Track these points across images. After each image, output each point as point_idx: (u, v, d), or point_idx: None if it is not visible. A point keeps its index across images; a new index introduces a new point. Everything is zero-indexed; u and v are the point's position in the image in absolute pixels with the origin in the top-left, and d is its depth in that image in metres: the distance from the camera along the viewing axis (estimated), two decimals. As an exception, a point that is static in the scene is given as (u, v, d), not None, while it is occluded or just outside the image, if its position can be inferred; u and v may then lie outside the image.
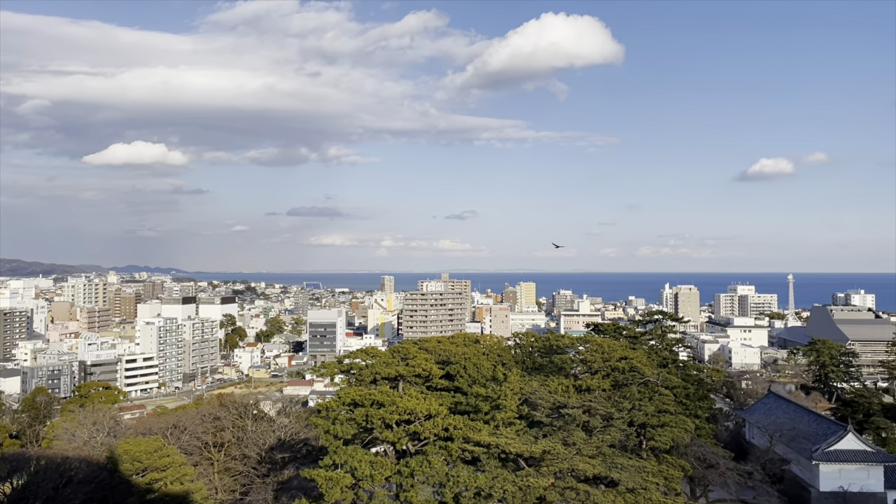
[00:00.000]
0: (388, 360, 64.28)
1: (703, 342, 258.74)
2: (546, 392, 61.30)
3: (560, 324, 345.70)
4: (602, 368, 71.95)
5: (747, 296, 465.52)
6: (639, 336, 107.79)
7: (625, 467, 50.87)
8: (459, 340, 78.87)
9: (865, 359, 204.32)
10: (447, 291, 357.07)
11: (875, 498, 77.28)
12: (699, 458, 67.95)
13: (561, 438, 54.07)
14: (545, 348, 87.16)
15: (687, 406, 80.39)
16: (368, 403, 52.92)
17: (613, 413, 59.44)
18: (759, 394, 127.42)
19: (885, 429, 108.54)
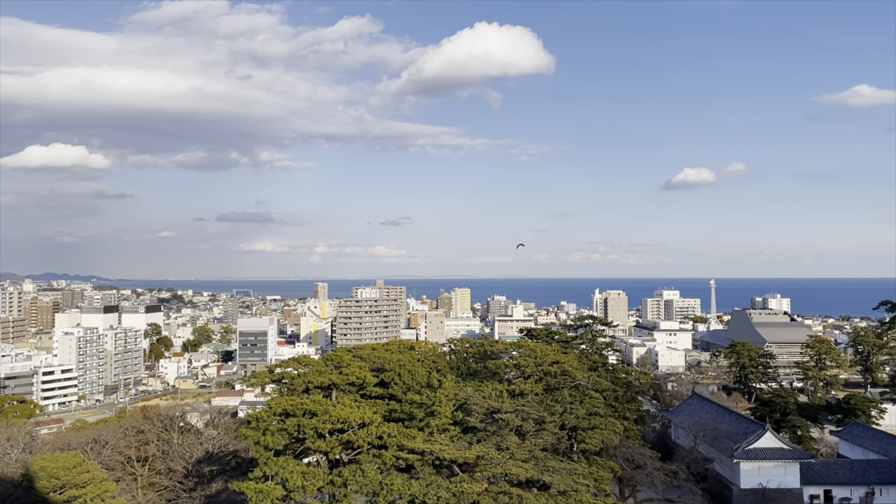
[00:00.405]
0: (321, 368, 63.35)
1: (631, 346, 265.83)
2: (480, 397, 61.69)
3: (494, 329, 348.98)
4: (535, 373, 72.98)
5: (672, 300, 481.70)
6: (570, 340, 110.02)
7: (557, 470, 51.71)
8: (394, 347, 78.50)
9: (782, 360, 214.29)
10: (382, 298, 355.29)
11: (792, 494, 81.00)
12: (628, 459, 69.70)
13: (495, 443, 54.50)
14: (480, 354, 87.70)
15: (616, 408, 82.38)
16: (300, 413, 52.03)
17: (546, 417, 60.36)
18: (684, 395, 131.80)
19: (801, 427, 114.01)
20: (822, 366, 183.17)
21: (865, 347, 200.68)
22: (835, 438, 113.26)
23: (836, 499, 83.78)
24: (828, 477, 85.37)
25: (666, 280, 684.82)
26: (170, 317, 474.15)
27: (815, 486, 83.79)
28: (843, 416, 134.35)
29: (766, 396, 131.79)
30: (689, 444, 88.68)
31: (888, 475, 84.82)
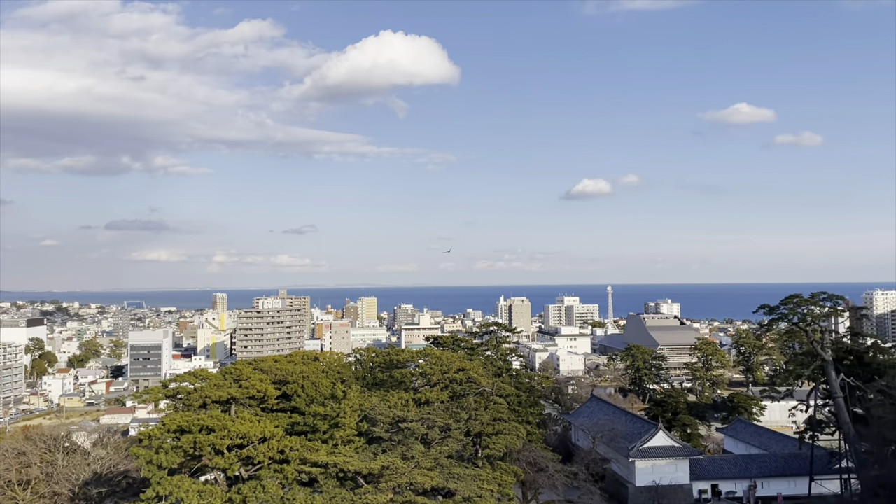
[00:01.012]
0: (220, 382, 61.22)
1: (534, 351, 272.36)
2: (386, 407, 61.43)
3: (401, 338, 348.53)
4: (441, 381, 73.41)
5: (573, 306, 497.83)
6: (476, 347, 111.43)
7: (461, 477, 52.17)
8: (298, 359, 76.98)
9: (673, 361, 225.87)
10: (285, 308, 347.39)
11: (682, 489, 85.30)
12: (530, 463, 71.25)
13: (400, 453, 54.39)
14: (386, 363, 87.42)
15: (519, 413, 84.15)
16: (197, 429, 50.06)
17: (451, 424, 60.85)
18: (584, 398, 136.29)
19: (690, 425, 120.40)
20: (709, 366, 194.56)
21: (747, 348, 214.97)
22: (721, 435, 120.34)
23: (723, 492, 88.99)
24: (715, 472, 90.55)
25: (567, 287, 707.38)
26: (54, 331, 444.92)
27: (703, 481, 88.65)
28: (727, 413, 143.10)
29: (659, 397, 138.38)
30: (589, 445, 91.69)
31: (768, 468, 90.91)
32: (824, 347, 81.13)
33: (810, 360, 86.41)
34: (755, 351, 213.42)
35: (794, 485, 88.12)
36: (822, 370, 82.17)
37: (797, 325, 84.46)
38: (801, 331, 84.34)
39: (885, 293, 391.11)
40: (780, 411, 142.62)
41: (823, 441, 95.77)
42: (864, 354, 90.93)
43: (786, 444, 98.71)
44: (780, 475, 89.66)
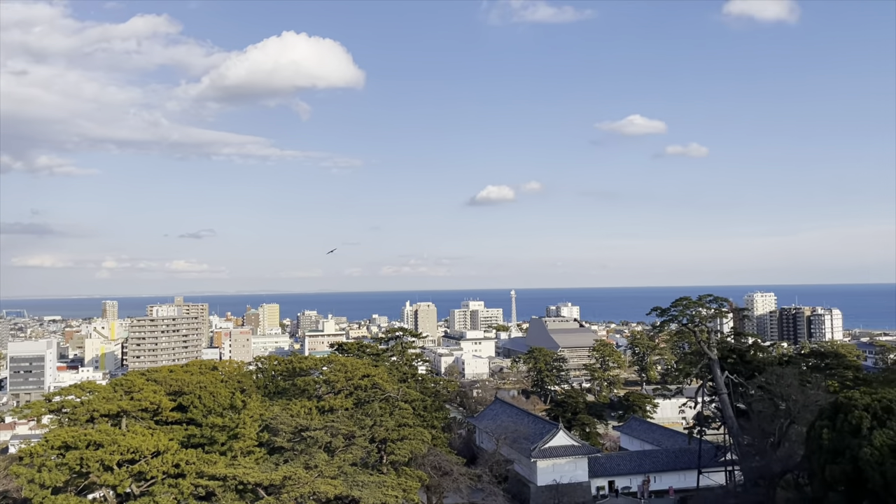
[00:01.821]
0: (109, 394, 58.02)
1: (439, 355, 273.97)
2: (288, 416, 60.15)
3: (305, 345, 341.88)
4: (345, 388, 72.62)
5: (478, 310, 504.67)
6: (381, 353, 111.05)
7: (366, 484, 51.79)
8: (195, 368, 74.07)
9: (573, 363, 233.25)
10: (181, 316, 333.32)
11: (581, 487, 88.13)
12: (435, 467, 71.61)
13: (303, 462, 53.38)
14: (289, 371, 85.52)
15: (425, 418, 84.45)
16: (83, 445, 47.23)
17: (356, 431, 60.30)
18: (488, 401, 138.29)
19: (589, 424, 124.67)
20: (606, 367, 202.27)
21: (641, 349, 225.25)
22: (617, 433, 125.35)
23: (619, 488, 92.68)
24: (611, 469, 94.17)
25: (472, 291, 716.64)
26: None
27: (601, 477, 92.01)
28: (623, 411, 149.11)
29: (560, 397, 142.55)
30: (492, 447, 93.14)
31: (660, 463, 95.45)
32: (710, 347, 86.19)
33: (698, 358, 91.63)
34: (648, 351, 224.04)
35: (684, 478, 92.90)
36: (708, 368, 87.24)
37: (686, 326, 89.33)
38: (689, 331, 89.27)
39: (764, 295, 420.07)
40: (672, 408, 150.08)
41: (711, 435, 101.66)
42: (746, 353, 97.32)
43: (676, 440, 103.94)
44: (671, 469, 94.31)
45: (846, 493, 50.21)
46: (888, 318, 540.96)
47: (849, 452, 49.53)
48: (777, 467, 67.67)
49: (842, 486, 50.32)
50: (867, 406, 51.68)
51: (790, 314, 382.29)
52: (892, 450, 47.81)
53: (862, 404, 51.99)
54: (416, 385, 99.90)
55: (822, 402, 65.35)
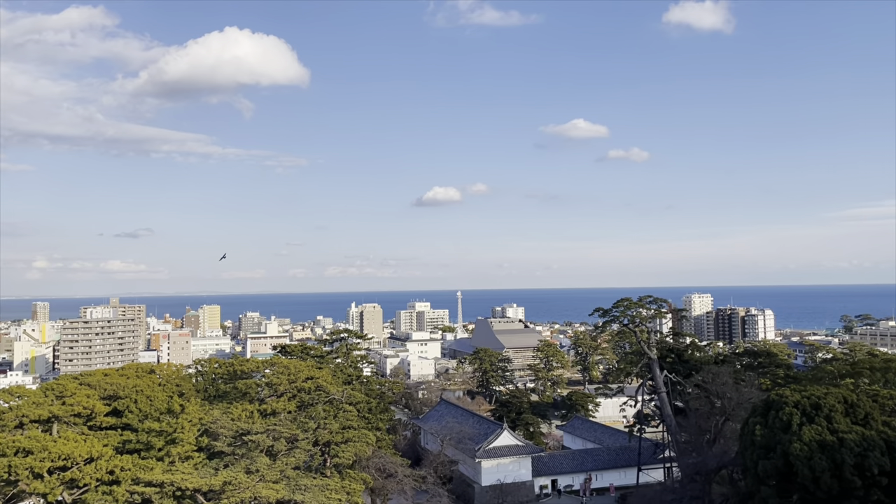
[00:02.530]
0: (39, 399, 55.60)
1: (385, 357, 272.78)
2: (229, 420, 58.83)
3: (247, 347, 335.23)
4: (288, 390, 71.44)
5: (424, 312, 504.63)
6: (326, 355, 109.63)
7: (309, 488, 51.11)
8: (131, 372, 71.70)
9: (518, 363, 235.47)
10: (117, 318, 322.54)
11: (525, 486, 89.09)
12: (380, 469, 71.25)
13: (244, 467, 52.32)
14: (229, 374, 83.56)
15: (370, 420, 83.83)
16: (11, 452, 45.19)
17: (299, 434, 59.44)
18: (434, 402, 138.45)
19: (533, 424, 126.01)
20: (550, 367, 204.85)
21: (584, 349, 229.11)
22: (560, 432, 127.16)
23: (561, 486, 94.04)
24: (554, 467, 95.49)
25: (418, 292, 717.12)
26: None
27: (544, 476, 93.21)
28: (567, 411, 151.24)
29: (505, 398, 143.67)
30: (437, 448, 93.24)
31: (602, 461, 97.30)
32: (650, 347, 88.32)
33: (638, 358, 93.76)
34: (591, 351, 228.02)
35: (625, 475, 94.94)
36: (648, 368, 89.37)
37: (627, 327, 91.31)
38: (630, 331, 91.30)
39: (701, 296, 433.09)
40: (613, 407, 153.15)
41: (650, 433, 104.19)
42: (684, 352, 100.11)
43: (617, 438, 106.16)
44: (612, 467, 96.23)
45: (777, 486, 52.11)
46: (816, 319, 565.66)
47: (780, 448, 51.43)
48: (713, 463, 69.77)
49: (773, 481, 52.20)
50: (797, 403, 53.78)
51: (726, 315, 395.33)
52: (821, 445, 49.89)
53: (792, 401, 54.07)
54: (361, 387, 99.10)
55: (755, 400, 67.71)
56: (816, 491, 49.51)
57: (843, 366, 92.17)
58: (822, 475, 48.62)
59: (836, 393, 55.16)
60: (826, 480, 48.62)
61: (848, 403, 53.82)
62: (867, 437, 50.05)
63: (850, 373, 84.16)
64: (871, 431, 51.02)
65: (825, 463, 48.80)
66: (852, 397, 54.80)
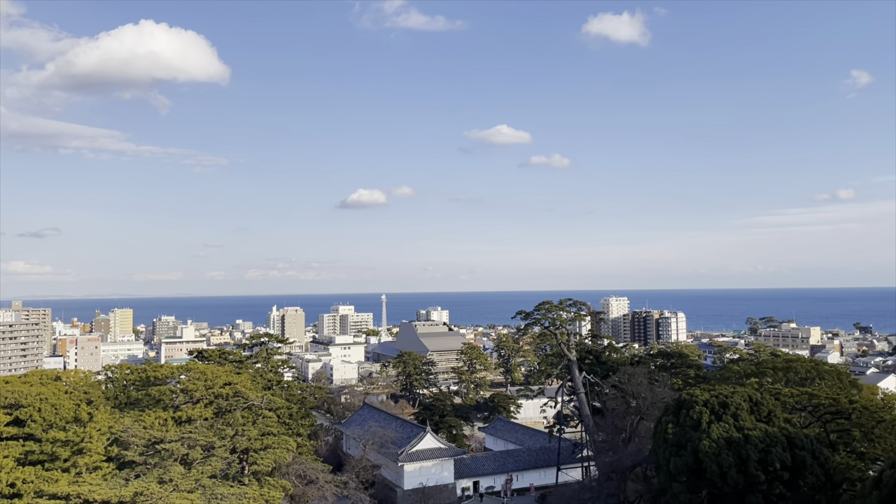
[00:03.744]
0: (-71, 410, 51.79)
1: (307, 361, 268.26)
2: (141, 428, 56.50)
3: (161, 352, 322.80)
4: (205, 396, 69.24)
5: (347, 315, 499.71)
6: (244, 360, 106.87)
7: (225, 496, 49.68)
8: (35, 379, 67.77)
9: (442, 366, 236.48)
10: (20, 322, 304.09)
11: (447, 489, 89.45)
12: (300, 476, 70.00)
13: (157, 476, 50.36)
14: (142, 380, 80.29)
15: (290, 426, 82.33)
16: None
17: (216, 442, 57.66)
18: (356, 406, 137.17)
19: (456, 426, 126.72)
20: (474, 369, 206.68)
21: (506, 351, 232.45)
22: (482, 434, 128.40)
23: (483, 488, 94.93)
24: (476, 469, 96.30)
25: (342, 296, 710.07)
26: None
27: (466, 478, 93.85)
28: (489, 413, 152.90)
29: (428, 401, 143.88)
30: (360, 453, 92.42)
31: (523, 462, 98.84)
32: (570, 348, 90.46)
33: (558, 360, 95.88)
34: (513, 353, 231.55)
35: (545, 475, 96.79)
36: (568, 369, 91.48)
37: (548, 329, 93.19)
38: (551, 334, 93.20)
39: (618, 299, 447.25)
40: (534, 408, 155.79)
41: (569, 433, 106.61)
42: (602, 354, 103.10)
43: (538, 439, 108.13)
44: (532, 467, 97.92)
45: (688, 482, 54.29)
46: (724, 321, 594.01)
47: (690, 445, 53.64)
48: (628, 461, 72.03)
49: (684, 477, 54.35)
50: (706, 402, 56.25)
51: (641, 317, 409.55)
52: (728, 441, 52.34)
53: (702, 400, 56.50)
54: (281, 392, 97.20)
55: (668, 399, 70.32)
56: (724, 486, 51.88)
57: (748, 366, 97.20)
58: (729, 471, 50.99)
59: (742, 392, 58.01)
60: (733, 476, 51.02)
61: (753, 402, 56.69)
62: (770, 434, 52.86)
63: (755, 372, 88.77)
64: (773, 428, 53.93)
65: (732, 459, 51.22)
66: (757, 396, 57.76)
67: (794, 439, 53.03)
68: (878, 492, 40.90)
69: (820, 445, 55.55)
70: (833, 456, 57.92)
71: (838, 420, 66.55)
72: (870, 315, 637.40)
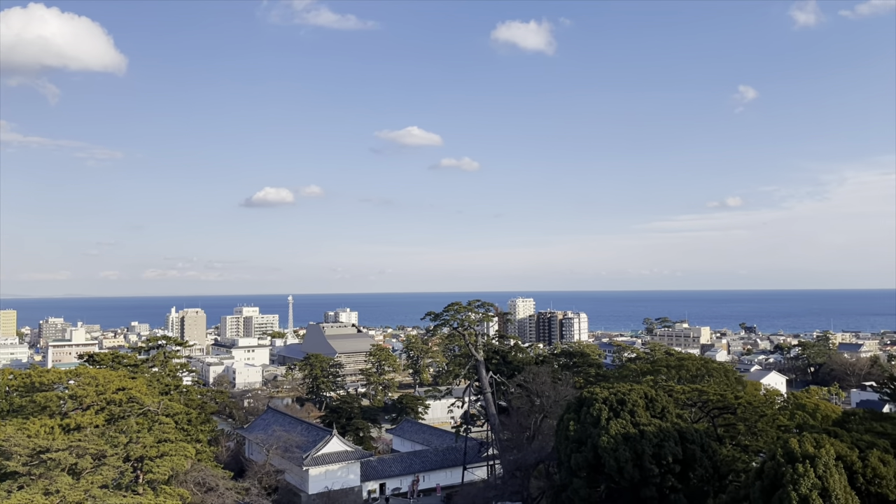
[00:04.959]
0: None
1: (208, 365, 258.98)
2: (24, 437, 52.89)
3: (48, 356, 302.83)
4: (96, 402, 65.60)
5: (252, 317, 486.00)
6: (140, 364, 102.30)
7: (118, 508, 47.21)
8: None
9: (350, 368, 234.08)
10: None
11: (353, 492, 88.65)
12: (199, 483, 67.50)
13: (42, 487, 47.36)
14: (26, 386, 75.17)
15: (189, 432, 79.24)
16: None
17: (107, 450, 54.74)
18: (260, 410, 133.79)
19: (363, 429, 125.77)
20: (382, 371, 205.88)
21: (415, 352, 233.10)
22: (390, 436, 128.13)
23: (389, 489, 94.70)
24: (383, 471, 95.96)
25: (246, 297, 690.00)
26: None
27: (373, 481, 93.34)
28: (397, 414, 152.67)
29: (335, 404, 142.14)
30: (263, 458, 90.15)
31: (429, 462, 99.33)
32: (477, 349, 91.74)
33: (466, 360, 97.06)
34: (422, 354, 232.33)
35: (451, 475, 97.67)
36: (475, 369, 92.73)
37: (456, 330, 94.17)
38: (459, 334, 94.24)
39: (524, 300, 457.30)
40: (442, 409, 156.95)
41: (476, 433, 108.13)
42: (508, 354, 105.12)
43: (445, 439, 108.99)
44: (439, 467, 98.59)
45: (588, 478, 56.16)
46: (623, 321, 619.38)
47: (590, 441, 55.54)
48: (532, 459, 73.72)
49: (584, 473, 56.16)
50: (606, 399, 58.42)
51: (546, 318, 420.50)
52: (625, 437, 54.55)
53: (601, 398, 58.64)
54: (180, 397, 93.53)
55: (570, 397, 72.58)
56: (621, 480, 54.02)
57: (644, 364, 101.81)
58: (626, 465, 53.15)
59: (638, 389, 60.64)
60: (629, 470, 53.21)
61: (648, 399, 59.37)
62: (664, 429, 55.52)
63: (651, 370, 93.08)
64: (667, 423, 56.67)
65: (628, 454, 53.42)
66: (652, 393, 60.53)
67: (686, 434, 55.91)
68: (760, 482, 43.75)
69: (708, 439, 58.82)
70: (720, 449, 61.50)
71: (725, 415, 70.82)
72: (754, 316, 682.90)
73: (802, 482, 40.16)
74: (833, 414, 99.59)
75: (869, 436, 55.37)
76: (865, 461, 43.78)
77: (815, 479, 40.34)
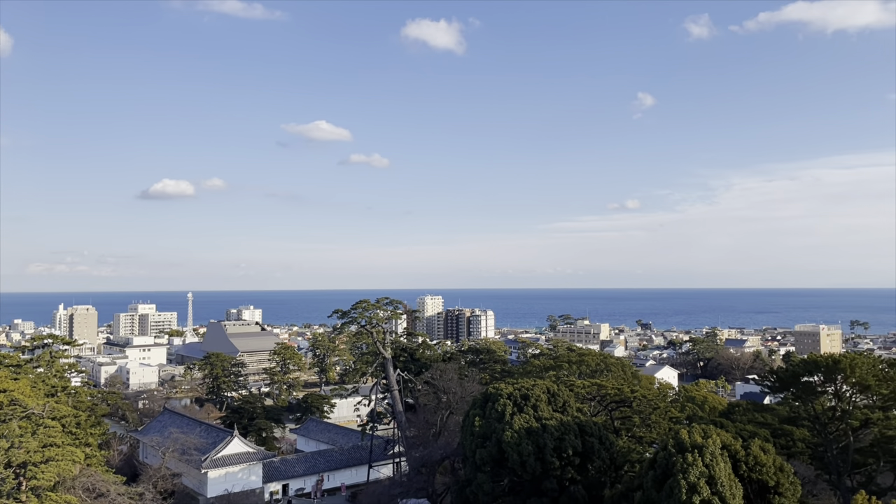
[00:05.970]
0: None
1: (99, 365, 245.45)
2: None
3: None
4: (-29, 407, 60.77)
5: (148, 315, 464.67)
6: (24, 364, 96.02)
7: (-5, 519, 43.96)
8: None
9: (253, 367, 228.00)
10: None
11: (255, 493, 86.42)
12: (88, 489, 63.91)
13: None
14: None
15: (77, 435, 74.85)
16: None
17: (-16, 457, 50.83)
18: (156, 412, 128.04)
19: (266, 429, 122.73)
20: (287, 370, 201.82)
21: (322, 350, 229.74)
22: (294, 435, 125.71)
23: (292, 490, 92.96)
24: (286, 472, 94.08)
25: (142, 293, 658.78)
26: None
27: (275, 482, 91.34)
28: (302, 413, 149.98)
29: (237, 404, 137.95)
30: (159, 461, 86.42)
31: (334, 462, 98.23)
32: (385, 346, 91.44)
33: (374, 358, 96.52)
34: (329, 352, 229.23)
35: (357, 473, 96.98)
36: (383, 367, 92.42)
37: (364, 328, 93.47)
38: (367, 332, 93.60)
39: (433, 298, 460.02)
40: (348, 407, 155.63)
41: (383, 430, 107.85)
42: (416, 351, 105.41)
43: (351, 438, 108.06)
44: (344, 466, 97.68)
45: (492, 472, 57.16)
46: (528, 319, 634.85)
47: (495, 436, 56.55)
48: (437, 455, 74.26)
49: (489, 467, 57.13)
50: (510, 395, 59.65)
51: (454, 315, 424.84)
52: (528, 431, 55.89)
53: (506, 393, 59.83)
54: (67, 399, 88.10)
55: (476, 394, 73.63)
56: (523, 473, 55.32)
57: (547, 360, 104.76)
58: (528, 458, 54.48)
59: (541, 384, 62.28)
60: (531, 463, 54.56)
61: (551, 393, 61.10)
62: (565, 423, 57.28)
63: (553, 366, 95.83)
64: (567, 417, 58.51)
65: (531, 447, 54.78)
66: (554, 388, 62.34)
67: (585, 427, 57.91)
68: (652, 472, 45.96)
69: (606, 432, 61.16)
70: (617, 441, 64.10)
71: (622, 408, 73.90)
72: (650, 313, 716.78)
73: (691, 471, 42.50)
74: (720, 406, 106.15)
75: (751, 426, 59.30)
76: (748, 450, 46.85)
77: (702, 467, 42.79)
